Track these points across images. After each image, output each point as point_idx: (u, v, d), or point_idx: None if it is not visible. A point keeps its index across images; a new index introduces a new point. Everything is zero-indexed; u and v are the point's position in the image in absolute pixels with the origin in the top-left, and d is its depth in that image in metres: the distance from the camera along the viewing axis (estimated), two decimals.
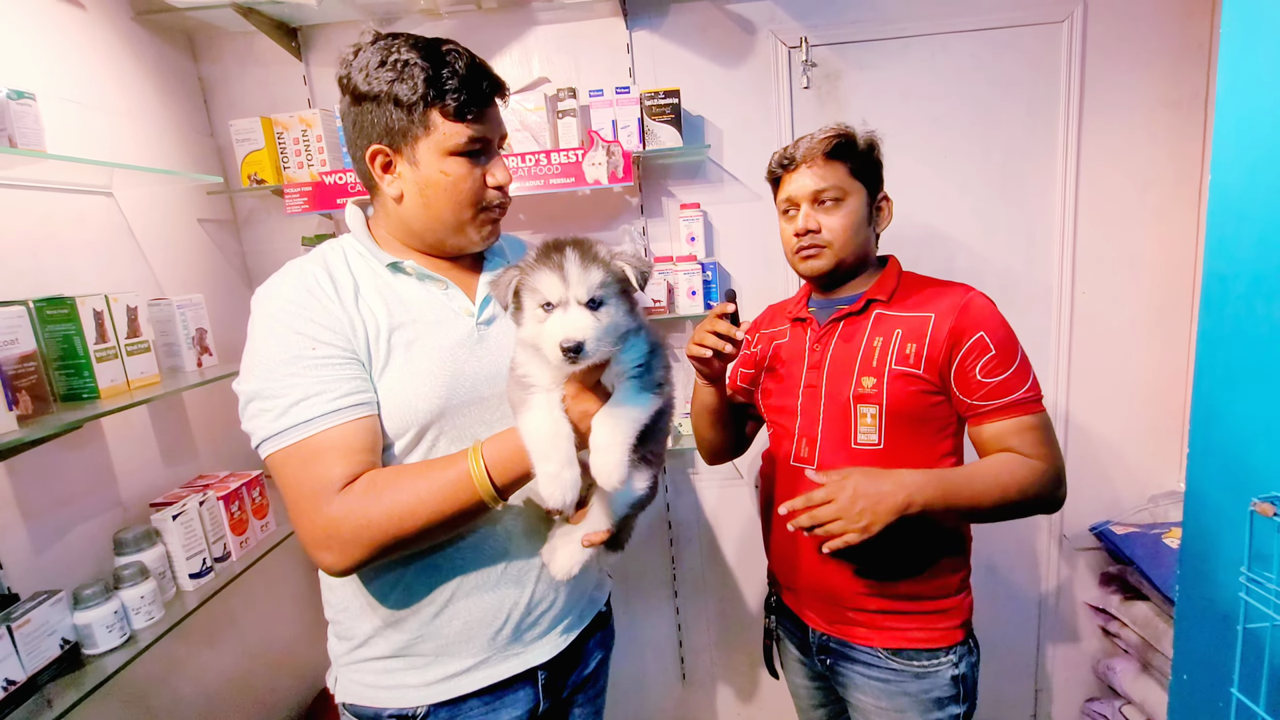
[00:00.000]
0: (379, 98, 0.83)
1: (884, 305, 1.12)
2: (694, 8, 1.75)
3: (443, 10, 1.75)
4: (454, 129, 0.85)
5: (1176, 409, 1.88)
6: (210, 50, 1.79)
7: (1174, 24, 1.69)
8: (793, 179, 1.13)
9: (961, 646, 1.11)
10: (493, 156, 0.91)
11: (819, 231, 1.11)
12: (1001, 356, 1.05)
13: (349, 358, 0.84)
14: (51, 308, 1.17)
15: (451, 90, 0.83)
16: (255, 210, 1.88)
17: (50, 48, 1.37)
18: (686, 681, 2.13)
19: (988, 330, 1.05)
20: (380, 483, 0.80)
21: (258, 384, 0.81)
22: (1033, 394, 1.06)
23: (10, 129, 1.07)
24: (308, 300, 0.84)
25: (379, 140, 0.86)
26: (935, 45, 1.74)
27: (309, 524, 0.80)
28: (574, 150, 1.64)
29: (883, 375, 1.07)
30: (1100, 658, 1.99)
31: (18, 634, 1.03)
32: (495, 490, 0.80)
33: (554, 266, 0.74)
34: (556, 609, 0.99)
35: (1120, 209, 1.79)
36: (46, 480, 1.24)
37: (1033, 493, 1.02)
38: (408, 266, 0.91)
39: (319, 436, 0.80)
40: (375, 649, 0.92)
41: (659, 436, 0.89)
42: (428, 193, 0.87)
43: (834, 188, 1.10)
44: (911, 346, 1.07)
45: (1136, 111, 1.74)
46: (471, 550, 0.92)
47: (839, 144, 1.10)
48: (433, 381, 0.87)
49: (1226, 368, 1.23)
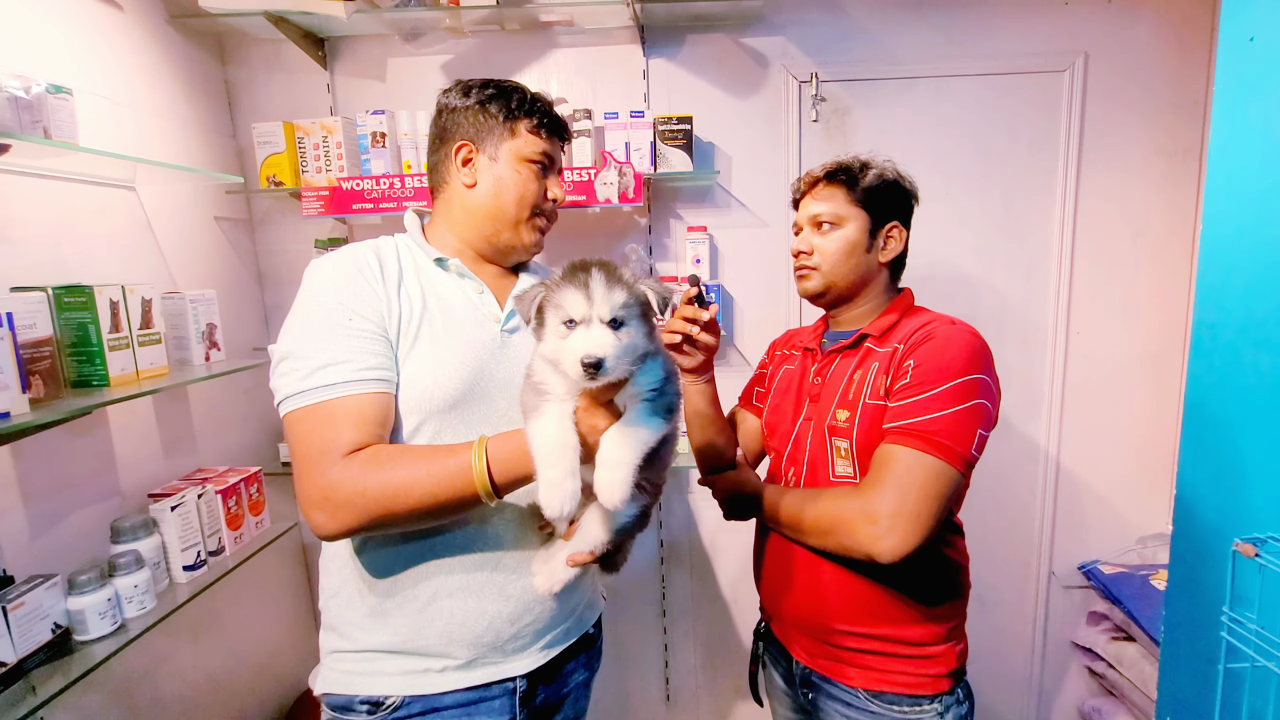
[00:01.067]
0: (475, 106, 0.98)
1: (875, 340, 1.11)
2: (710, 39, 1.82)
3: (467, 29, 1.81)
4: (534, 141, 1.00)
5: (1167, 452, 1.91)
6: (238, 55, 1.84)
7: (1171, 79, 1.76)
8: (804, 204, 1.18)
9: (949, 697, 1.06)
10: (551, 177, 1.05)
11: (810, 254, 1.14)
12: (914, 382, 0.98)
13: (380, 335, 0.89)
14: (70, 295, 1.19)
15: (539, 112, 1.00)
16: (271, 211, 1.91)
17: (87, 45, 1.41)
18: (670, 702, 2.12)
19: (918, 356, 1.00)
20: (383, 456, 0.83)
21: (292, 344, 0.87)
22: (930, 431, 0.95)
23: (46, 121, 1.11)
24: (354, 276, 0.91)
25: (465, 138, 0.99)
26: (940, 87, 1.80)
27: (309, 483, 0.83)
28: (587, 169, 1.68)
29: (856, 408, 1.06)
30: (1086, 698, 1.99)
31: (11, 615, 1.04)
32: (492, 486, 0.83)
33: (579, 285, 0.76)
34: (540, 622, 0.99)
35: (1115, 253, 1.84)
36: (49, 465, 1.25)
37: (845, 526, 0.98)
38: (451, 264, 0.99)
39: (336, 402, 0.84)
40: (358, 639, 0.94)
41: (658, 465, 0.89)
42: (499, 185, 0.99)
43: (830, 213, 1.13)
44: (883, 379, 1.04)
45: (1133, 160, 1.80)
46: (460, 551, 0.94)
47: (834, 171, 1.14)
48: (453, 373, 0.92)
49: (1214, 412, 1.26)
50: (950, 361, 0.98)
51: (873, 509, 0.95)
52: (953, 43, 1.78)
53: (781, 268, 1.89)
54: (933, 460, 0.94)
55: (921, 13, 1.77)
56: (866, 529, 0.95)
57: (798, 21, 1.79)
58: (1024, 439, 1.95)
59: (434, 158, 1.03)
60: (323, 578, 1.00)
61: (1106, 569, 1.89)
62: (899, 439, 0.97)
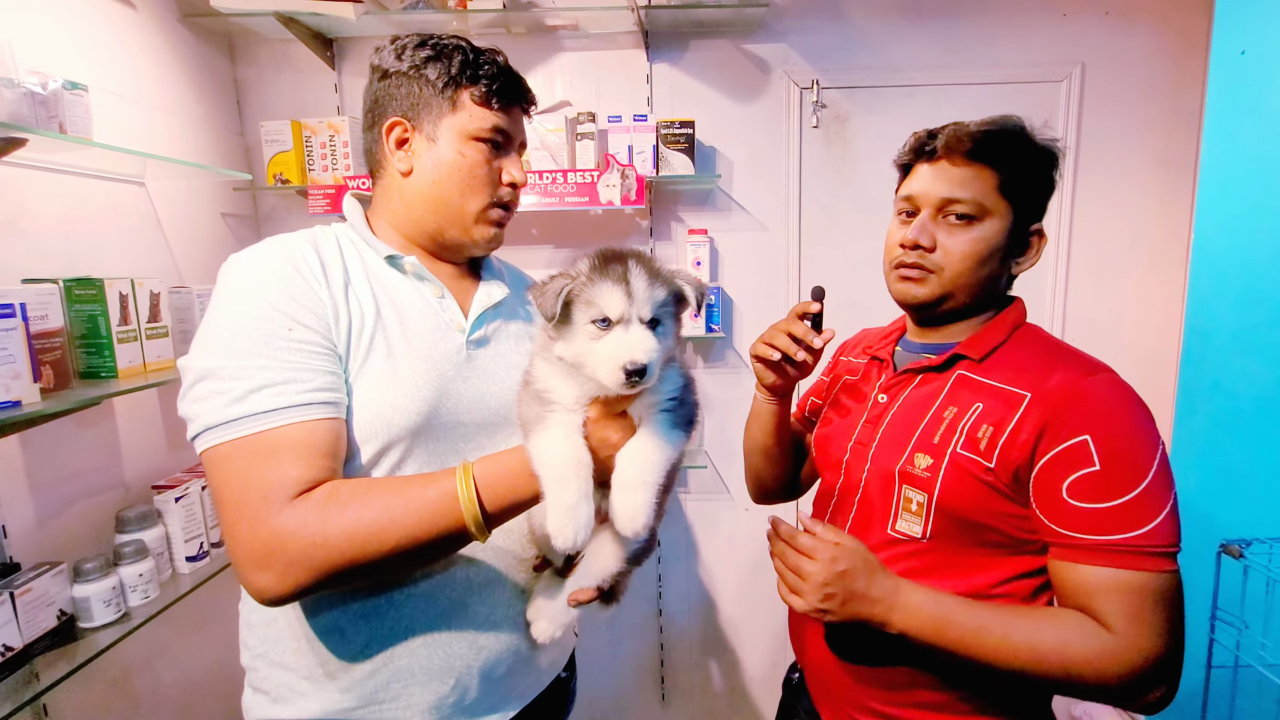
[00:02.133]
0: (409, 73, 0.81)
1: (973, 365, 0.86)
2: (713, 45, 1.84)
3: (473, 32, 1.83)
4: (481, 113, 0.82)
5: None
6: (248, 54, 1.87)
7: (1167, 91, 1.78)
8: (923, 173, 0.87)
9: None
10: (509, 156, 0.88)
11: (931, 250, 0.85)
12: (1108, 475, 0.73)
13: (327, 348, 0.74)
14: (80, 288, 1.21)
15: (486, 76, 0.82)
16: (277, 208, 1.94)
17: (100, 43, 1.43)
18: (666, 702, 2.13)
19: (1095, 434, 0.74)
20: (345, 495, 0.68)
21: (214, 360, 0.70)
22: (1150, 544, 0.72)
23: (62, 116, 1.13)
24: (291, 276, 0.74)
25: (398, 114, 0.83)
26: (940, 95, 1.83)
27: (248, 535, 0.66)
28: (590, 171, 1.71)
29: (943, 456, 0.81)
30: (1077, 701, 2.00)
31: (19, 601, 1.05)
32: (483, 517, 0.70)
33: (617, 279, 0.66)
34: (514, 674, 0.88)
35: (1110, 261, 1.86)
36: (55, 454, 1.27)
37: (1087, 674, 0.72)
38: (407, 263, 0.84)
39: (278, 432, 0.68)
40: (291, 707, 0.79)
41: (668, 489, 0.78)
42: (440, 171, 0.82)
43: (971, 201, 0.82)
44: (987, 430, 0.79)
45: (1129, 169, 1.82)
46: (423, 600, 0.80)
47: (995, 139, 0.82)
48: (414, 394, 0.78)
49: (1204, 418, 1.28)
50: (1139, 437, 0.75)
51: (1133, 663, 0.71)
52: (953, 52, 1.81)
53: (780, 271, 1.91)
54: (1157, 578, 0.72)
55: (922, 22, 1.80)
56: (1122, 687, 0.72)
57: (799, 29, 1.82)
58: None
59: (367, 136, 0.86)
60: (244, 631, 0.83)
61: None
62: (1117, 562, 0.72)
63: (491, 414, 0.85)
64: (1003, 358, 0.85)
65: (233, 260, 0.77)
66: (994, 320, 0.88)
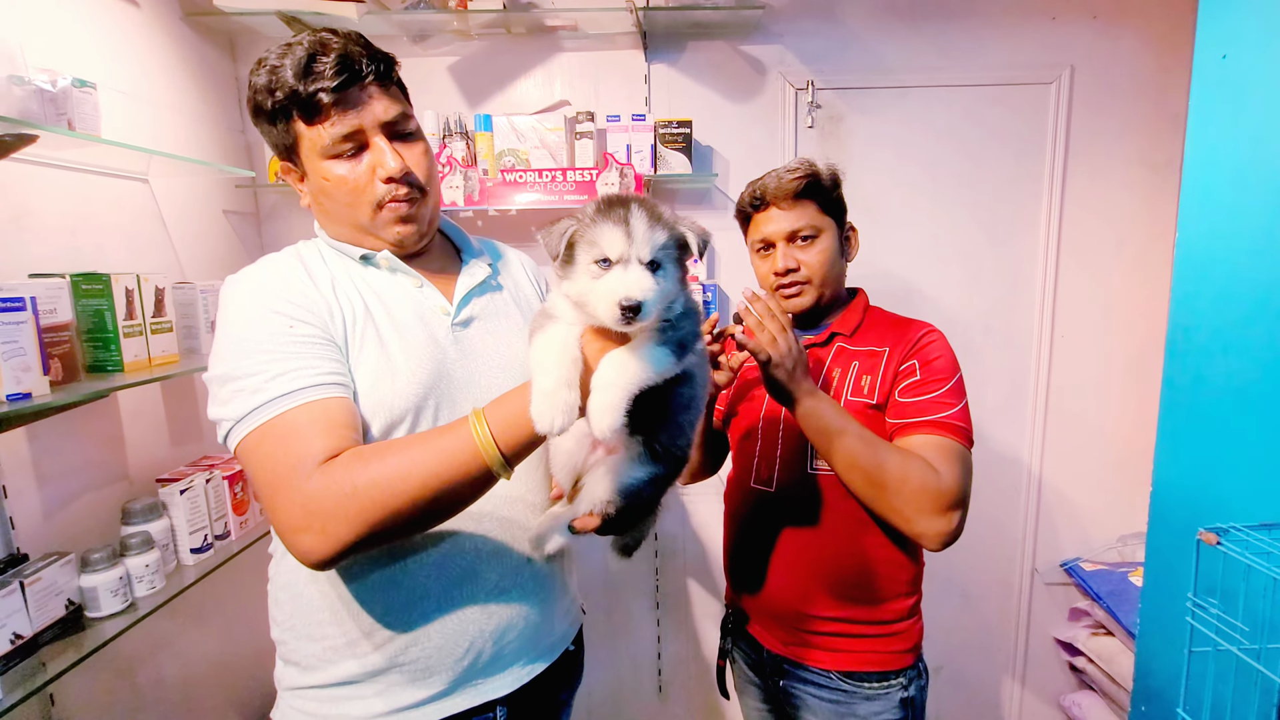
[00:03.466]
0: (259, 114, 0.82)
1: (846, 339, 1.17)
2: (710, 46, 1.87)
3: (474, 32, 1.85)
4: (315, 133, 0.80)
5: (1147, 453, 1.96)
6: (250, 52, 1.88)
7: (1153, 93, 1.82)
8: (766, 218, 1.15)
9: (911, 670, 1.14)
10: (371, 147, 0.83)
11: (798, 269, 1.13)
12: (926, 380, 1.08)
13: (328, 340, 0.79)
14: (87, 282, 1.23)
15: (300, 100, 0.78)
16: (278, 205, 1.95)
17: (105, 41, 1.45)
18: (663, 695, 2.16)
19: (920, 359, 1.09)
20: (367, 452, 0.73)
21: (230, 366, 0.76)
22: (954, 421, 1.05)
23: (70, 113, 1.15)
24: (281, 284, 0.81)
25: (280, 155, 0.86)
26: (931, 96, 1.86)
27: (286, 503, 0.71)
28: (589, 170, 1.73)
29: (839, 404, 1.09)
30: (1065, 692, 2.04)
31: (29, 590, 1.07)
32: (500, 455, 0.72)
33: (618, 221, 0.69)
34: (525, 638, 0.93)
35: (1099, 260, 1.90)
36: (61, 447, 1.29)
37: (910, 488, 0.99)
38: (380, 259, 0.88)
39: (297, 411, 0.73)
40: (321, 675, 0.85)
41: (676, 429, 0.81)
42: (321, 200, 0.86)
43: (808, 225, 1.13)
44: (866, 379, 1.11)
45: (1116, 170, 1.86)
46: (435, 569, 0.85)
47: (808, 184, 1.12)
48: (410, 378, 0.83)
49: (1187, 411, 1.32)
50: (947, 362, 1.10)
51: (948, 493, 1.00)
52: (944, 54, 1.84)
53: None
54: (963, 449, 1.05)
55: (915, 24, 1.84)
56: (933, 506, 1.00)
57: (795, 31, 1.85)
58: (1009, 439, 2.00)
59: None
60: (273, 609, 0.91)
61: (1087, 566, 1.95)
62: (936, 430, 1.04)
63: (484, 391, 0.88)
64: (866, 330, 1.17)
65: (229, 280, 0.84)
66: (851, 306, 1.20)
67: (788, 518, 1.15)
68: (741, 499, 1.23)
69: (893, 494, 1.01)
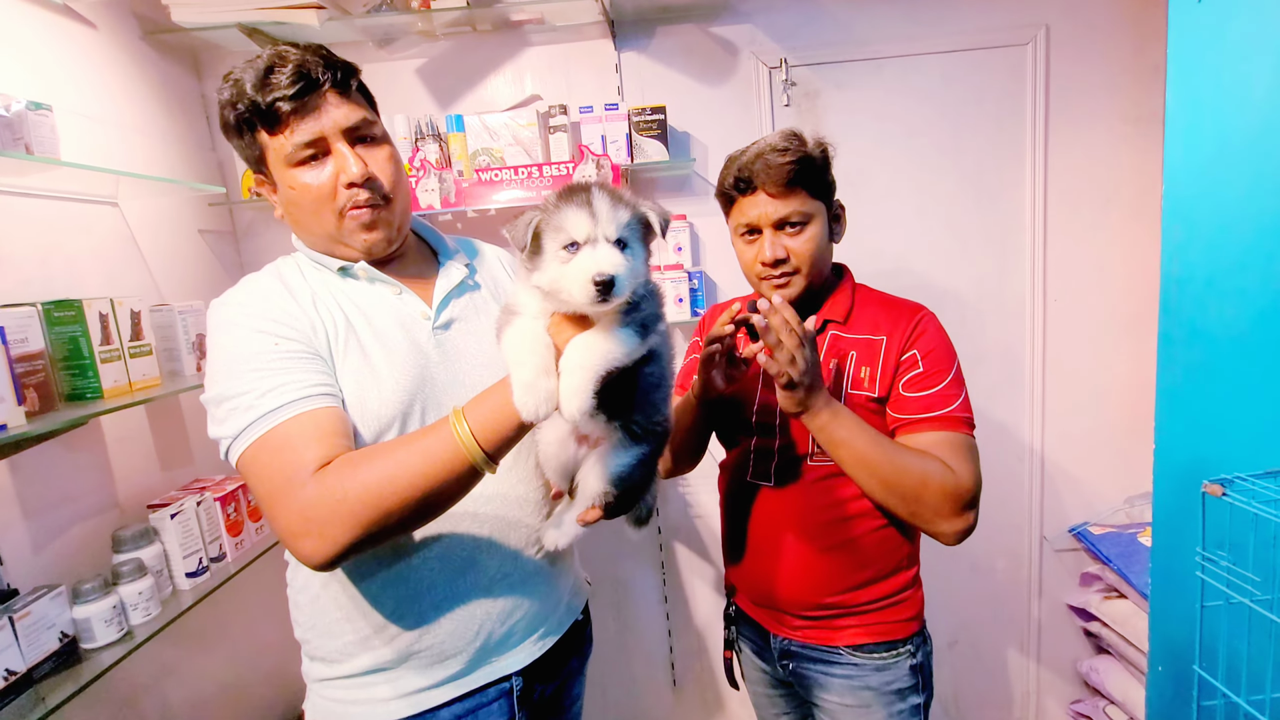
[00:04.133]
0: (226, 129, 0.86)
1: (839, 326, 1.12)
2: (679, 30, 1.85)
3: (439, 32, 1.83)
4: (279, 142, 0.83)
5: (1149, 411, 1.94)
6: (214, 68, 1.86)
7: (1131, 47, 1.80)
8: (753, 203, 1.07)
9: (917, 637, 1.14)
10: (337, 153, 0.86)
11: (787, 258, 1.07)
12: (929, 373, 1.06)
13: (312, 354, 0.83)
14: (59, 309, 1.21)
15: (259, 111, 0.82)
16: (254, 222, 1.93)
17: (63, 64, 1.43)
18: (677, 687, 2.14)
19: (920, 348, 1.07)
20: (356, 458, 0.76)
21: (223, 386, 0.80)
22: (960, 414, 1.05)
23: (27, 137, 1.13)
24: (264, 304, 0.85)
25: (252, 168, 0.89)
26: (907, 66, 1.84)
27: (285, 512, 0.75)
28: (565, 164, 1.71)
29: (839, 398, 1.07)
30: (1082, 658, 2.03)
31: (19, 625, 1.05)
32: (482, 451, 0.75)
33: (581, 204, 0.71)
34: (532, 615, 0.98)
35: (1087, 220, 1.88)
36: (47, 479, 1.27)
37: (930, 493, 0.99)
38: (358, 270, 0.91)
39: (289, 423, 0.77)
40: (344, 666, 0.91)
41: (649, 407, 0.84)
42: (290, 209, 0.89)
43: (798, 212, 1.05)
44: (866, 370, 1.09)
45: (1099, 128, 1.84)
46: (438, 560, 0.90)
47: (795, 170, 1.03)
48: (395, 384, 0.86)
49: (1185, 364, 1.30)
50: (946, 349, 1.09)
51: (966, 492, 1.01)
52: (917, 22, 1.81)
53: None
54: (971, 440, 1.06)
55: None
56: (952, 508, 1.01)
57: (764, 9, 1.83)
58: (1009, 407, 1.98)
59: None
60: (294, 611, 0.96)
61: (1096, 530, 1.93)
62: (946, 425, 1.04)
63: (469, 390, 0.88)
64: (858, 315, 1.13)
65: (214, 304, 0.88)
66: (840, 288, 1.16)
67: (787, 510, 1.13)
68: (739, 492, 1.20)
69: (913, 500, 1.01)
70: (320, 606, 0.91)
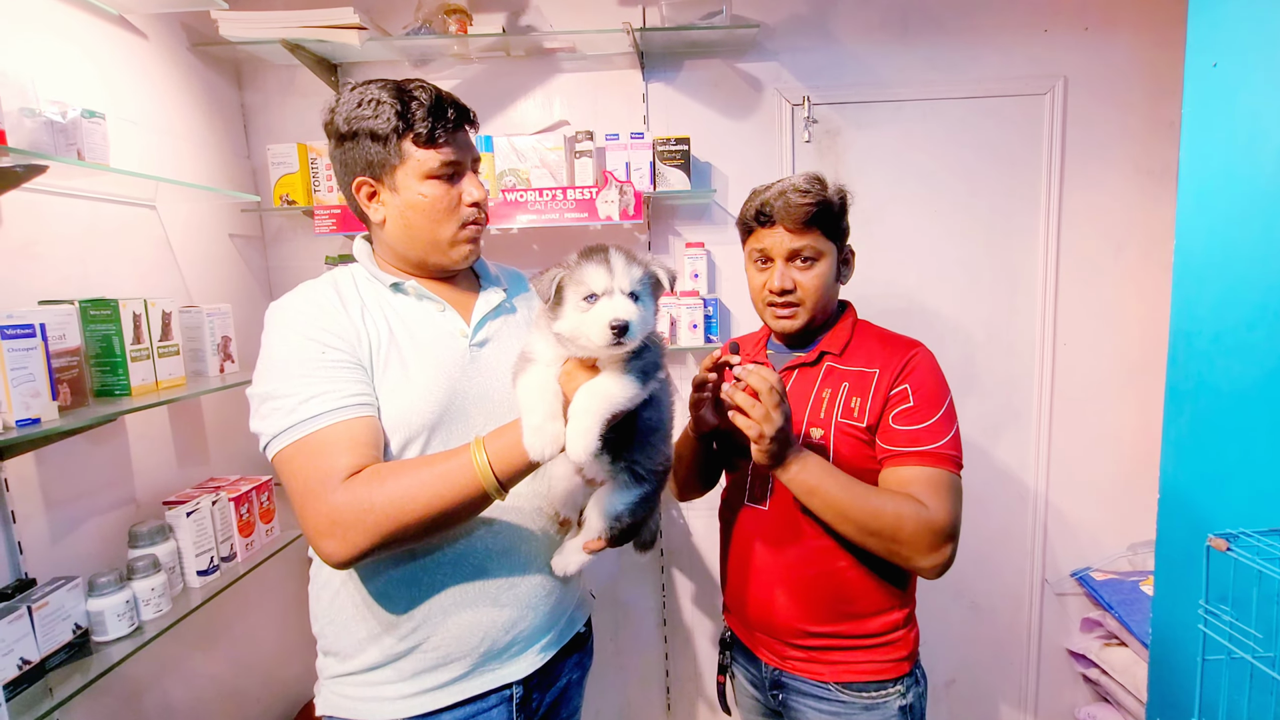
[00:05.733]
0: (358, 135, 0.92)
1: (835, 358, 1.16)
2: (706, 64, 1.90)
3: (473, 56, 1.89)
4: (426, 155, 0.93)
5: (1154, 460, 1.95)
6: (255, 80, 1.92)
7: (1147, 101, 1.84)
8: (769, 234, 1.14)
9: (908, 678, 1.14)
10: (465, 177, 0.98)
11: (794, 290, 1.13)
12: (919, 407, 1.07)
13: (355, 364, 0.90)
14: (96, 308, 1.25)
15: (419, 120, 0.91)
16: (283, 229, 1.98)
17: (114, 72, 1.48)
18: (671, 712, 2.13)
19: (912, 383, 1.09)
20: (384, 472, 0.84)
21: (270, 385, 0.87)
22: (946, 451, 1.06)
23: (80, 144, 1.17)
24: (317, 312, 0.92)
25: (362, 173, 0.94)
26: (927, 109, 1.88)
27: (314, 513, 0.82)
28: (589, 188, 1.75)
29: (829, 427, 1.11)
30: (1080, 704, 2.01)
31: (36, 615, 1.07)
32: (496, 480, 0.83)
33: (600, 262, 0.81)
34: (534, 626, 1.01)
35: (1098, 267, 1.91)
36: (69, 472, 1.30)
37: (906, 533, 1.01)
38: (408, 287, 0.99)
39: (326, 431, 0.84)
40: (356, 662, 0.95)
41: (650, 449, 0.91)
42: (408, 214, 0.95)
43: (811, 248, 1.12)
44: (856, 400, 1.11)
45: (1112, 178, 1.87)
46: (451, 566, 0.95)
47: (814, 212, 1.09)
48: (427, 396, 0.92)
49: (1191, 417, 1.31)
50: (938, 386, 1.11)
51: (941, 529, 1.02)
52: (938, 68, 1.86)
53: None
54: (955, 478, 1.06)
55: (908, 40, 1.86)
56: (929, 544, 1.02)
57: (790, 48, 1.88)
58: (1014, 448, 1.99)
59: (343, 189, 0.98)
60: (313, 605, 1.01)
61: (1098, 575, 1.93)
62: (927, 461, 1.05)
63: (496, 406, 0.98)
64: (855, 349, 1.16)
65: (273, 306, 0.94)
66: (840, 323, 1.20)
67: (781, 535, 1.14)
68: (735, 516, 1.22)
69: (888, 539, 1.03)
70: (338, 604, 0.96)
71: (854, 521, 1.03)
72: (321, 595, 0.99)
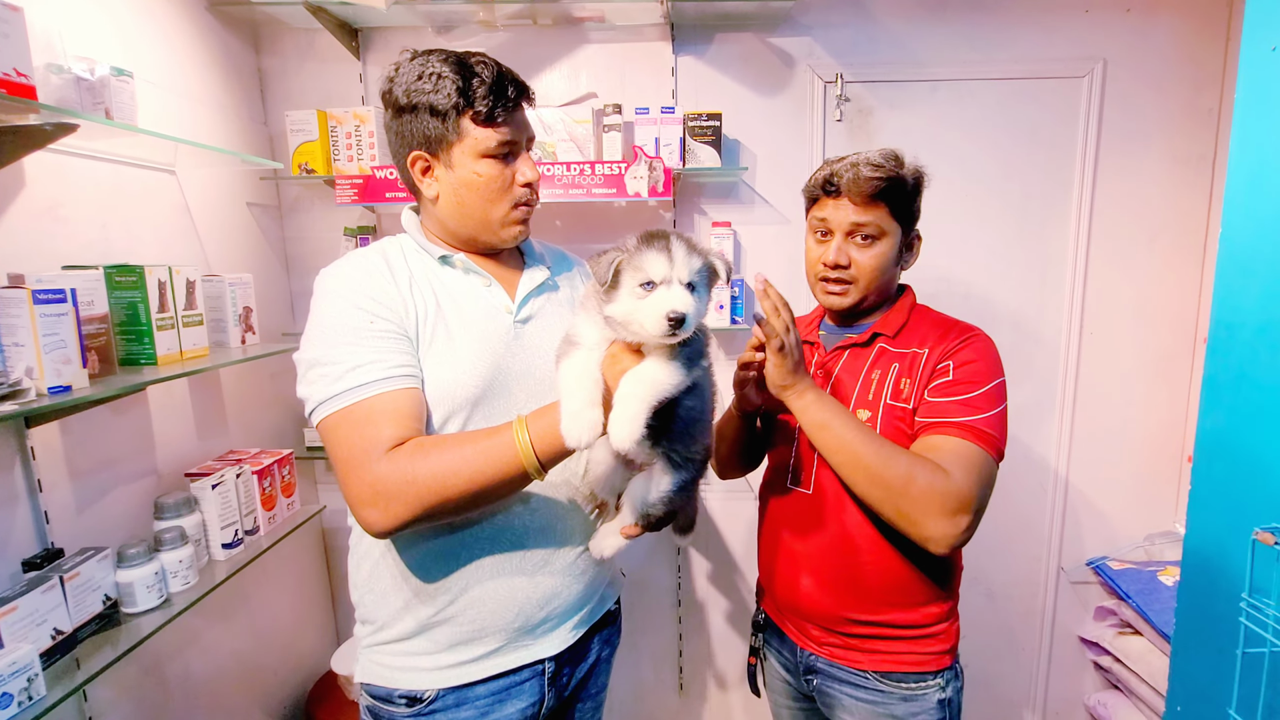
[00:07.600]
0: (417, 109, 0.91)
1: (889, 340, 1.13)
2: (738, 38, 1.85)
3: (499, 24, 1.83)
4: (484, 134, 0.92)
5: (1176, 451, 1.95)
6: (273, 44, 1.86)
7: (1187, 87, 1.80)
8: (833, 204, 1.10)
9: (949, 671, 1.13)
10: (520, 157, 0.97)
11: (848, 266, 1.10)
12: (959, 381, 1.03)
13: (402, 334, 0.90)
14: (121, 275, 1.22)
15: (480, 98, 0.90)
16: (301, 198, 1.93)
17: (133, 29, 1.43)
18: (684, 692, 2.15)
19: (956, 360, 1.05)
20: (427, 445, 0.84)
21: (318, 351, 0.87)
22: (982, 427, 1.00)
23: (108, 102, 1.13)
24: (367, 281, 0.92)
25: (419, 147, 0.93)
26: (962, 90, 1.84)
27: (357, 481, 0.83)
28: (617, 163, 1.71)
29: (878, 409, 1.08)
30: (1092, 692, 2.04)
31: (68, 585, 1.06)
32: (537, 460, 0.84)
33: (661, 249, 0.80)
34: (568, 604, 1.03)
35: (1129, 256, 1.89)
36: (93, 441, 1.28)
37: (916, 489, 0.95)
38: (456, 260, 0.99)
39: (372, 400, 0.84)
40: (392, 632, 0.97)
41: (690, 438, 0.90)
42: (461, 192, 0.94)
43: (874, 225, 1.07)
44: (906, 382, 1.07)
45: (1148, 165, 1.84)
46: (489, 541, 0.96)
47: (884, 186, 1.06)
48: (471, 369, 0.93)
49: (1230, 409, 1.30)
50: (987, 367, 1.05)
51: (955, 495, 0.95)
52: (975, 48, 1.82)
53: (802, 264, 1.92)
54: (987, 458, 1.00)
55: (945, 17, 1.81)
56: (940, 510, 0.95)
57: (824, 23, 1.83)
58: (1037, 436, 1.99)
59: (398, 165, 0.98)
60: (353, 574, 1.02)
61: (1115, 565, 1.94)
62: (960, 433, 1.00)
63: (538, 383, 0.98)
64: (909, 331, 1.12)
65: (323, 273, 0.94)
66: (897, 305, 1.16)
67: (824, 520, 1.13)
68: (777, 500, 1.21)
69: (898, 494, 0.97)
70: (377, 573, 0.97)
71: (863, 467, 0.98)
72: (362, 565, 1.00)
